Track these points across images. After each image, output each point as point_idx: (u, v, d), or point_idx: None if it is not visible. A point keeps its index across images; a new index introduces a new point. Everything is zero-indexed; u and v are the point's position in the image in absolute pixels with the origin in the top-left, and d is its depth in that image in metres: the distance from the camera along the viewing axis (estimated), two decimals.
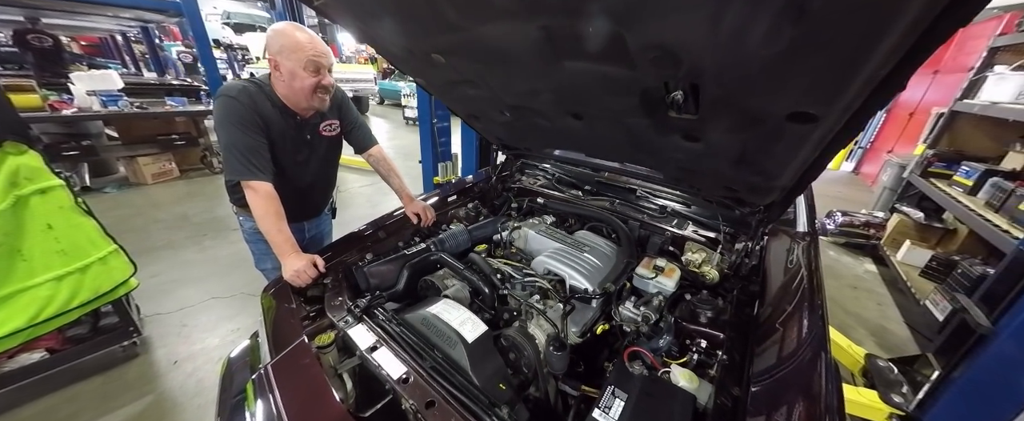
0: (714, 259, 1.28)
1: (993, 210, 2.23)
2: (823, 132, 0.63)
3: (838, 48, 0.46)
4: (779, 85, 0.57)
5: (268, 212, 1.21)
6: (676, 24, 0.54)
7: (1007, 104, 2.41)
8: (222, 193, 4.97)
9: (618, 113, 0.95)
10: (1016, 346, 1.34)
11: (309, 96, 1.20)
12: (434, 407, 0.78)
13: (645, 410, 0.79)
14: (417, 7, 0.78)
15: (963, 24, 0.37)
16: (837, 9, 0.40)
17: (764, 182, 0.94)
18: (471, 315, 1.00)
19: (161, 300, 2.33)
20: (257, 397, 0.80)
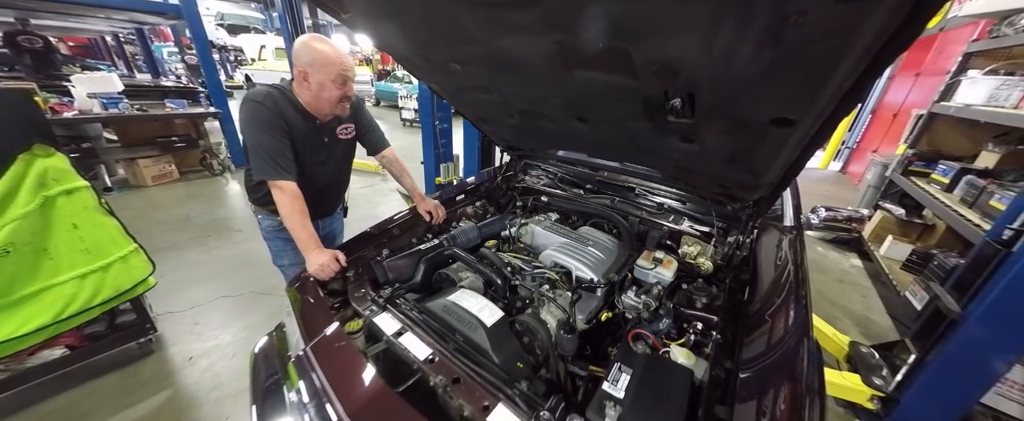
0: (708, 251, 1.38)
1: (967, 206, 2.38)
2: (801, 135, 0.73)
3: (808, 67, 0.56)
4: (762, 95, 0.67)
5: (294, 210, 1.28)
6: (676, 44, 0.63)
7: (979, 106, 2.56)
8: (223, 195, 5.07)
9: (622, 117, 1.05)
10: (982, 329, 1.47)
11: (334, 105, 1.31)
12: (460, 383, 0.86)
13: (648, 383, 0.88)
14: (442, 22, 0.87)
15: (902, 51, 0.47)
16: (805, 40, 0.49)
17: (753, 179, 1.04)
18: (488, 302, 1.08)
19: (170, 299, 2.37)
20: (300, 377, 0.88)
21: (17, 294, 1.42)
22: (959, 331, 1.53)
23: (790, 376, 0.81)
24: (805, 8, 0.45)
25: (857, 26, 0.45)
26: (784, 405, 0.75)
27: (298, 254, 1.63)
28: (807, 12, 0.46)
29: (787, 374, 0.82)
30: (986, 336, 1.47)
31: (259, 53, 9.68)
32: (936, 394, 1.63)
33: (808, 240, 3.53)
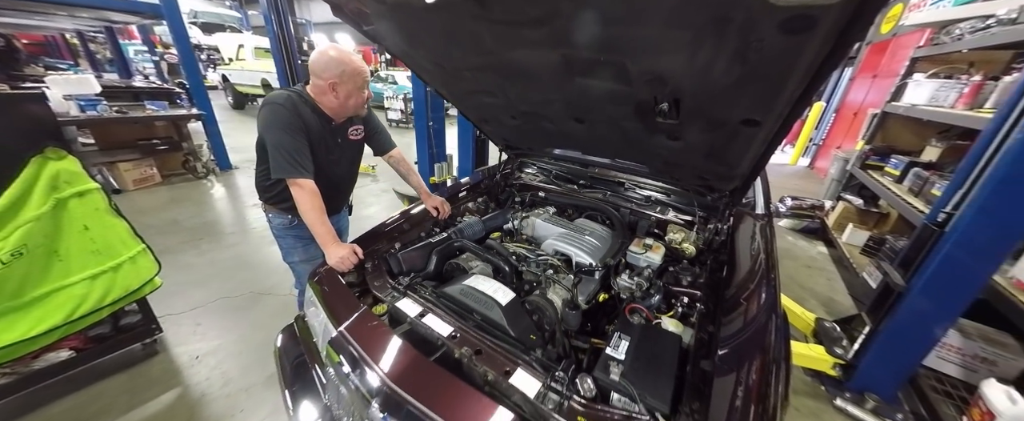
0: (691, 237, 1.55)
1: (914, 195, 2.66)
2: (765, 132, 0.89)
3: (767, 79, 0.71)
4: (733, 101, 0.82)
5: (314, 206, 1.37)
6: (665, 59, 0.77)
7: (923, 106, 2.86)
8: (209, 198, 5.03)
9: (616, 118, 1.19)
10: (923, 299, 1.70)
11: (361, 109, 1.43)
12: (482, 353, 0.98)
13: (644, 347, 1.03)
14: (462, 36, 0.99)
15: (834, 68, 0.62)
16: (763, 59, 0.64)
17: (728, 171, 1.21)
18: (500, 285, 1.20)
19: (170, 301, 2.37)
20: (339, 353, 0.97)
21: (29, 296, 1.45)
22: (904, 303, 1.76)
23: (760, 341, 0.96)
24: (762, 37, 0.60)
25: (801, 50, 0.61)
26: (756, 363, 0.90)
27: (308, 251, 1.72)
28: (764, 40, 0.61)
29: (758, 340, 0.97)
30: (926, 306, 1.70)
31: (237, 52, 9.40)
32: (887, 359, 1.86)
33: (780, 231, 3.82)
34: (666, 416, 0.83)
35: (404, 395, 0.82)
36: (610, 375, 0.92)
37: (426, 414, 0.78)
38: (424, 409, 0.79)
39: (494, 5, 0.78)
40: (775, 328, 1.01)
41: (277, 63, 4.84)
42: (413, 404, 0.80)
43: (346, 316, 1.11)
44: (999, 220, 1.49)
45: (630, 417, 0.82)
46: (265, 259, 3.03)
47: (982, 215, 1.52)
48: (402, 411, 0.81)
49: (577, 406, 0.84)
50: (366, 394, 0.86)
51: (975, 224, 1.54)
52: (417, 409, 0.80)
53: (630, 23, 0.72)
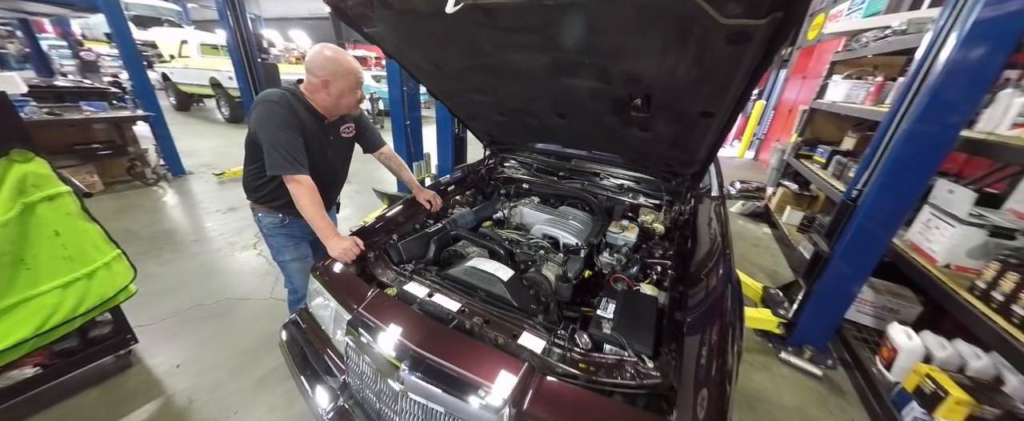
0: (660, 218, 1.77)
1: (836, 178, 3.13)
2: (718, 122, 1.10)
3: (719, 79, 0.90)
4: (693, 96, 1.01)
5: (313, 201, 1.41)
6: (639, 62, 0.95)
7: (841, 103, 3.35)
8: (164, 206, 4.76)
9: (595, 113, 1.36)
10: (843, 262, 2.05)
11: (353, 108, 1.46)
12: (491, 323, 1.10)
13: (628, 308, 1.20)
14: (463, 40, 1.11)
15: (765, 70, 0.82)
16: (715, 63, 0.83)
17: (689, 157, 1.42)
18: (500, 264, 1.33)
19: (139, 312, 2.24)
20: (361, 330, 1.05)
21: None
22: (829, 267, 2.11)
23: (720, 298, 1.16)
24: (714, 46, 0.78)
25: (742, 56, 0.80)
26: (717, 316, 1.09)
27: (299, 249, 1.75)
28: (715, 48, 0.79)
29: (718, 298, 1.16)
30: (845, 268, 2.06)
31: (179, 49, 8.65)
32: (819, 316, 2.21)
33: (731, 215, 4.26)
34: (650, 356, 1.01)
35: (431, 356, 0.93)
36: (602, 330, 1.08)
37: (454, 370, 0.90)
38: (451, 366, 0.90)
39: (498, 14, 0.90)
40: (731, 286, 1.22)
41: (235, 62, 4.59)
42: (441, 363, 0.91)
43: (359, 300, 1.18)
44: (894, 194, 1.85)
45: (622, 360, 0.99)
46: (238, 265, 2.92)
47: (882, 191, 1.87)
48: (430, 371, 0.92)
49: (577, 356, 0.99)
50: (393, 361, 0.95)
51: (878, 198, 1.89)
52: (445, 367, 0.91)
53: (612, 33, 0.88)
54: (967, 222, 1.69)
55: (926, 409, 1.59)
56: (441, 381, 0.90)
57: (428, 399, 0.90)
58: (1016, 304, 1.36)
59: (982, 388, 1.55)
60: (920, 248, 1.94)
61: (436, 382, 0.90)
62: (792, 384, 2.09)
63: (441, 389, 0.89)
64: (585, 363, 0.98)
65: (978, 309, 1.49)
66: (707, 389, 0.87)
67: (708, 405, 0.85)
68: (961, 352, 1.74)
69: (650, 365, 0.97)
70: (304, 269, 1.78)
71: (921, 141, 1.73)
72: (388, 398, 1.00)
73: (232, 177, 4.89)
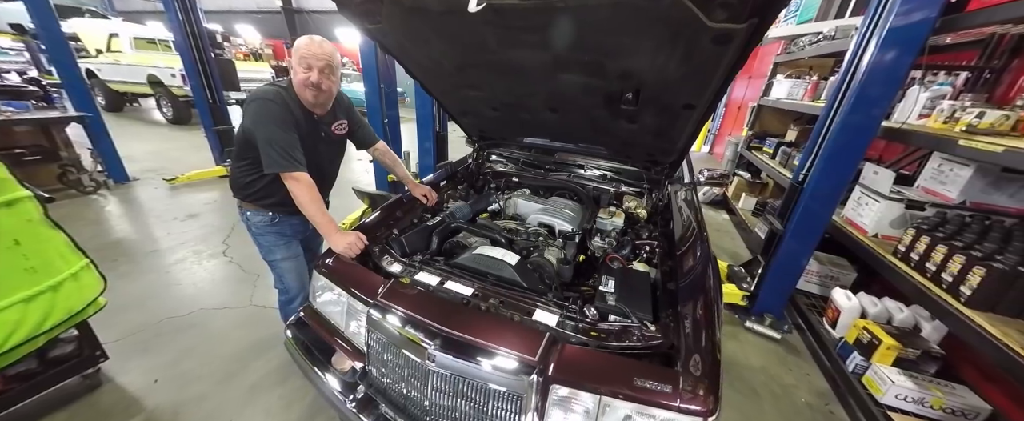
0: (643, 204, 1.93)
1: (783, 166, 3.52)
2: (698, 114, 1.25)
3: (702, 75, 1.04)
4: (679, 90, 1.15)
5: (313, 198, 1.40)
6: (633, 60, 1.07)
7: (784, 100, 3.77)
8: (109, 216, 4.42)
9: (587, 107, 1.47)
10: (793, 238, 2.34)
11: (302, 88, 1.37)
12: (506, 303, 1.18)
13: (625, 283, 1.33)
14: (468, 38, 1.17)
15: (741, 67, 0.96)
16: (701, 60, 0.97)
17: (670, 146, 1.58)
18: (505, 250, 1.41)
19: (104, 329, 2.05)
20: (383, 316, 1.09)
21: None
22: (783, 243, 2.40)
23: (703, 269, 1.32)
24: (701, 46, 0.91)
25: (724, 54, 0.93)
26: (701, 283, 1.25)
27: (290, 248, 1.72)
28: (702, 47, 0.92)
29: (701, 268, 1.32)
30: (795, 243, 2.35)
31: (108, 43, 7.76)
32: (775, 287, 2.50)
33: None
34: (651, 321, 1.14)
35: (460, 333, 0.99)
36: (607, 302, 1.20)
37: (483, 344, 0.97)
38: (480, 341, 0.97)
39: (508, 13, 0.98)
40: (710, 261, 1.39)
41: (186, 58, 4.25)
42: (469, 339, 0.98)
43: (373, 290, 1.21)
44: (833, 177, 2.15)
45: (627, 326, 1.11)
46: (207, 274, 2.74)
47: (822, 175, 2.17)
48: (459, 347, 0.98)
49: (588, 326, 1.10)
50: (422, 341, 1.00)
51: (819, 181, 2.18)
52: (474, 342, 0.97)
53: (612, 33, 0.99)
54: (889, 198, 2.01)
55: (864, 356, 1.88)
56: (471, 356, 0.96)
57: (460, 373, 0.97)
58: (928, 262, 1.66)
59: (905, 335, 1.86)
60: (854, 222, 2.27)
61: (466, 357, 0.96)
62: (756, 348, 2.36)
63: (471, 363, 0.95)
64: (595, 331, 1.08)
65: (900, 269, 1.79)
66: (702, 343, 1.01)
67: (704, 356, 0.98)
68: (888, 307, 2.07)
69: (652, 328, 1.10)
70: (296, 268, 1.74)
71: (851, 131, 2.03)
72: (416, 379, 1.05)
73: (186, 182, 4.52)
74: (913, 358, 1.77)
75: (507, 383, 0.94)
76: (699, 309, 1.14)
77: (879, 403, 1.71)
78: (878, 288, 2.66)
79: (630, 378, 0.91)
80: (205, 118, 4.64)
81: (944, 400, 1.62)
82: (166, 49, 8.08)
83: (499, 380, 0.94)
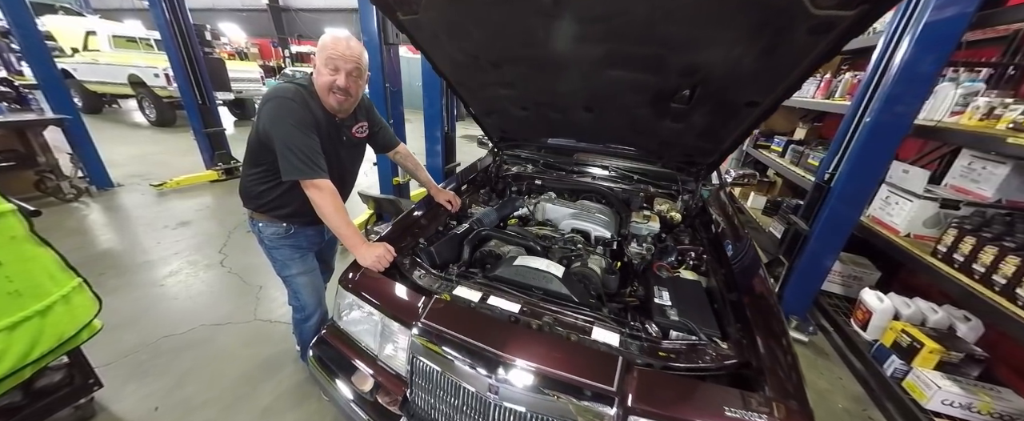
0: (677, 206, 1.85)
1: (794, 165, 3.49)
2: (759, 112, 1.16)
3: (780, 69, 0.95)
4: (746, 86, 1.06)
5: (337, 207, 1.28)
6: (705, 54, 0.97)
7: (795, 97, 3.74)
8: (92, 225, 4.17)
9: (629, 105, 1.38)
10: (819, 239, 2.29)
11: (325, 92, 1.25)
12: (559, 321, 1.07)
13: (680, 294, 1.24)
14: (514, 28, 1.06)
15: (826, 61, 0.88)
16: (786, 52, 0.88)
17: (715, 147, 1.50)
18: (548, 261, 1.31)
19: (95, 352, 1.87)
20: (433, 341, 0.97)
21: None
22: (808, 244, 2.35)
23: (757, 276, 1.24)
24: (793, 37, 0.82)
25: (814, 47, 0.85)
26: (760, 290, 1.17)
27: (306, 262, 1.59)
28: (793, 39, 0.83)
29: (754, 276, 1.24)
30: (822, 244, 2.30)
31: (85, 42, 7.38)
32: (799, 288, 2.45)
33: None
34: (720, 338, 1.05)
35: (525, 362, 0.88)
36: (669, 317, 1.10)
37: (552, 373, 0.86)
38: (549, 369, 0.86)
39: (575, 2, 0.88)
40: (760, 264, 1.31)
41: (173, 57, 4.03)
42: (536, 367, 0.87)
43: (411, 309, 1.09)
44: (862, 177, 2.10)
45: (696, 345, 1.01)
46: (206, 286, 2.57)
47: (851, 175, 2.12)
48: (524, 377, 0.87)
49: (654, 345, 1.00)
50: (480, 370, 0.89)
51: (848, 181, 2.13)
52: (542, 371, 0.86)
53: (686, 23, 0.89)
54: (923, 197, 1.97)
55: (904, 360, 1.83)
56: (539, 387, 0.85)
57: (528, 407, 0.86)
58: (975, 263, 1.61)
59: (945, 337, 1.82)
60: (883, 222, 2.23)
61: (534, 389, 0.85)
62: None
63: (541, 395, 0.85)
64: (663, 351, 0.99)
65: (942, 270, 1.75)
66: (781, 360, 0.92)
67: (787, 375, 0.89)
68: (921, 308, 2.03)
69: (724, 346, 1.01)
70: (313, 283, 1.61)
71: (883, 130, 1.98)
72: (474, 411, 0.93)
73: (175, 187, 4.29)
74: (956, 361, 1.73)
75: (584, 417, 0.83)
76: (768, 320, 1.05)
77: (924, 408, 1.66)
78: (898, 287, 2.64)
79: (719, 407, 0.82)
80: (194, 120, 4.41)
81: (992, 404, 1.58)
82: (148, 48, 7.75)
83: (573, 414, 0.84)
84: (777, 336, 1.00)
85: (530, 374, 0.87)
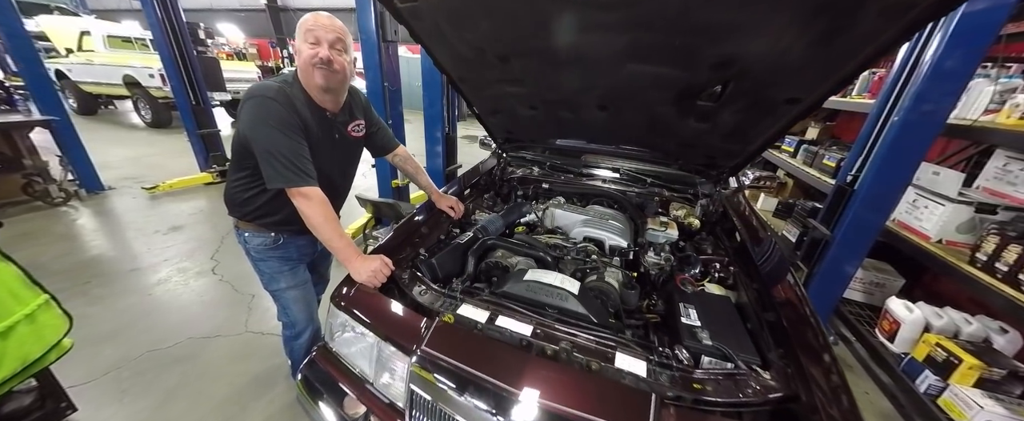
0: (695, 211, 1.72)
1: (808, 165, 3.37)
2: (799, 110, 1.04)
3: (834, 60, 0.83)
4: (789, 80, 0.94)
5: (327, 217, 1.16)
6: (746, 43, 0.85)
7: None
8: (80, 230, 4.03)
9: (649, 103, 1.26)
10: (843, 244, 2.17)
11: (309, 71, 1.12)
12: (579, 346, 0.95)
13: (709, 312, 1.11)
14: (527, 17, 0.94)
15: (889, 52, 0.76)
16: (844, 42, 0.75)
17: (741, 149, 1.37)
18: (563, 275, 1.18)
19: (71, 368, 1.76)
20: (433, 372, 0.85)
21: None
22: (830, 249, 2.22)
23: (793, 292, 1.12)
24: (857, 22, 0.70)
25: (879, 34, 0.73)
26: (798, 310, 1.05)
27: (297, 275, 1.47)
28: (857, 24, 0.71)
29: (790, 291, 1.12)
30: (845, 250, 2.18)
31: (79, 42, 7.26)
32: (819, 295, 2.32)
33: None
34: (761, 366, 0.92)
35: (545, 401, 0.76)
36: (701, 341, 0.98)
37: (575, 415, 0.74)
38: (572, 411, 0.74)
39: None
40: (795, 279, 1.19)
41: (165, 56, 3.91)
42: (558, 408, 0.75)
43: (412, 332, 0.97)
44: (889, 180, 1.98)
45: (735, 375, 0.89)
46: (196, 296, 2.45)
47: (878, 178, 1.99)
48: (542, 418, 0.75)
49: (688, 375, 0.88)
50: (489, 411, 0.77)
51: (874, 184, 2.01)
52: (563, 412, 0.74)
53: (730, 8, 0.77)
54: (957, 201, 1.85)
55: (940, 376, 1.71)
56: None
57: None
58: (1023, 274, 1.49)
59: (984, 351, 1.70)
60: (911, 227, 2.11)
61: None
62: None
63: None
64: (697, 382, 0.87)
65: (982, 280, 1.62)
66: (834, 392, 0.80)
67: (843, 412, 0.77)
68: (954, 319, 1.91)
69: (766, 376, 0.89)
70: (304, 297, 1.49)
71: (913, 130, 1.86)
72: None
73: (168, 190, 4.17)
74: (997, 379, 1.61)
75: None
76: (814, 344, 0.93)
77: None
78: (921, 294, 2.52)
79: None
80: (187, 121, 4.29)
81: None
82: (144, 48, 7.63)
83: None
84: (825, 364, 0.88)
85: (549, 415, 0.75)
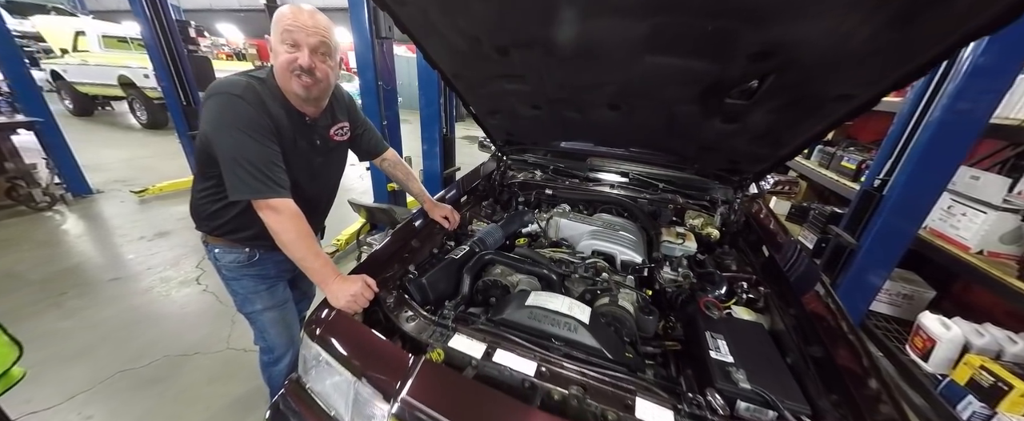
0: (714, 221, 1.57)
1: (824, 167, 3.20)
2: (848, 109, 0.89)
3: (904, 50, 0.68)
4: (844, 74, 0.79)
5: (301, 234, 1.01)
6: (798, 28, 0.70)
7: None
8: (62, 237, 3.85)
9: (669, 101, 1.10)
10: (871, 253, 2.01)
11: (286, 77, 0.98)
12: (590, 390, 0.80)
13: (740, 343, 0.96)
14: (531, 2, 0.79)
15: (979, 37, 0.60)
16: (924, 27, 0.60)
17: (771, 153, 1.22)
18: (569, 299, 1.03)
19: (35, 390, 1.62)
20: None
21: None
22: (856, 258, 2.06)
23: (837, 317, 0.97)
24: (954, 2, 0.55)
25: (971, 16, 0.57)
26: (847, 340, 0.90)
27: (274, 295, 1.32)
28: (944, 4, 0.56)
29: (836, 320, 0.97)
30: (873, 259, 2.02)
31: (74, 42, 7.16)
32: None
33: None
34: (811, 417, 0.77)
35: None
36: (738, 384, 0.83)
37: None
38: None
39: None
40: (834, 301, 1.04)
41: (155, 56, 3.77)
42: None
43: (392, 372, 0.82)
44: (923, 185, 1.82)
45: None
46: (177, 307, 2.31)
47: (910, 182, 1.83)
48: None
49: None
50: None
51: (907, 188, 1.85)
52: None
53: None
54: (1001, 208, 1.69)
55: (986, 403, 1.55)
56: None
57: None
58: None
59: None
60: (947, 236, 1.94)
61: None
62: None
63: None
64: None
65: None
66: None
67: None
68: (996, 337, 1.75)
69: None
70: (282, 319, 1.34)
71: (950, 130, 1.70)
72: None
73: (157, 194, 4.04)
74: None
75: None
76: (872, 388, 0.78)
77: None
78: (950, 306, 2.36)
79: None
80: (178, 122, 4.15)
81: None
82: (139, 48, 7.52)
83: None
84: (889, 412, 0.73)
85: None
